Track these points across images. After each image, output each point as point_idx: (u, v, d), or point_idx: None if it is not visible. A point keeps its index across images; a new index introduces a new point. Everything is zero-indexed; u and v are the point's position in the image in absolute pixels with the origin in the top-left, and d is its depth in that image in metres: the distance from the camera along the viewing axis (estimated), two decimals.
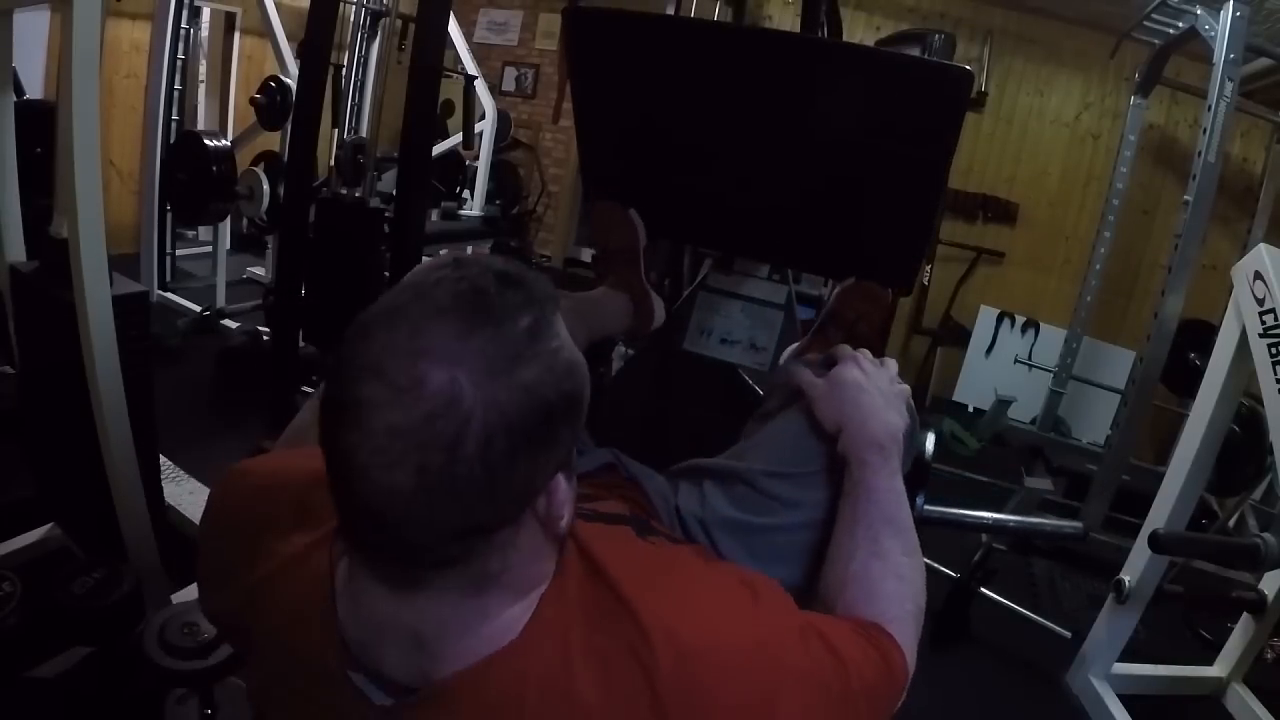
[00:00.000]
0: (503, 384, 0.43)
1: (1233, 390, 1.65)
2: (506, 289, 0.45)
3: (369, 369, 0.42)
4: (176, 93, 3.40)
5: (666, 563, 0.63)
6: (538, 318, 0.45)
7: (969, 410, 3.98)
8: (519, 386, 0.43)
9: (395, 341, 0.43)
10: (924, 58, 2.89)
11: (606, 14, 1.09)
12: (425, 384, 0.41)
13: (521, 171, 5.04)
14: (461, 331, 0.43)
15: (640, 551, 0.65)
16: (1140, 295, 3.85)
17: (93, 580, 1.23)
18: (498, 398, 0.42)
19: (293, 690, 0.55)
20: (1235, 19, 2.23)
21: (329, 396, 0.44)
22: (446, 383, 0.41)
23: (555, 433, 0.46)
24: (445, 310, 0.43)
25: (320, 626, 0.51)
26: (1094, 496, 2.55)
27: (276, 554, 0.56)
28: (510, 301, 0.45)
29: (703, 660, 0.49)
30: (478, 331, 0.43)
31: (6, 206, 1.47)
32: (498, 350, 0.43)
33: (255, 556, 0.57)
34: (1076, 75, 3.97)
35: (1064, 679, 1.87)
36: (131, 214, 3.71)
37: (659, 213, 1.24)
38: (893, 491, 0.74)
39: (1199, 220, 2.31)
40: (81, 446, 1.31)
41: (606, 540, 0.60)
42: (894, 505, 0.73)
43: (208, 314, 3.20)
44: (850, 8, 4.07)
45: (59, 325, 1.25)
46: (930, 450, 0.97)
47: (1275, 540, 1.50)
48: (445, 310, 0.43)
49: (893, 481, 0.75)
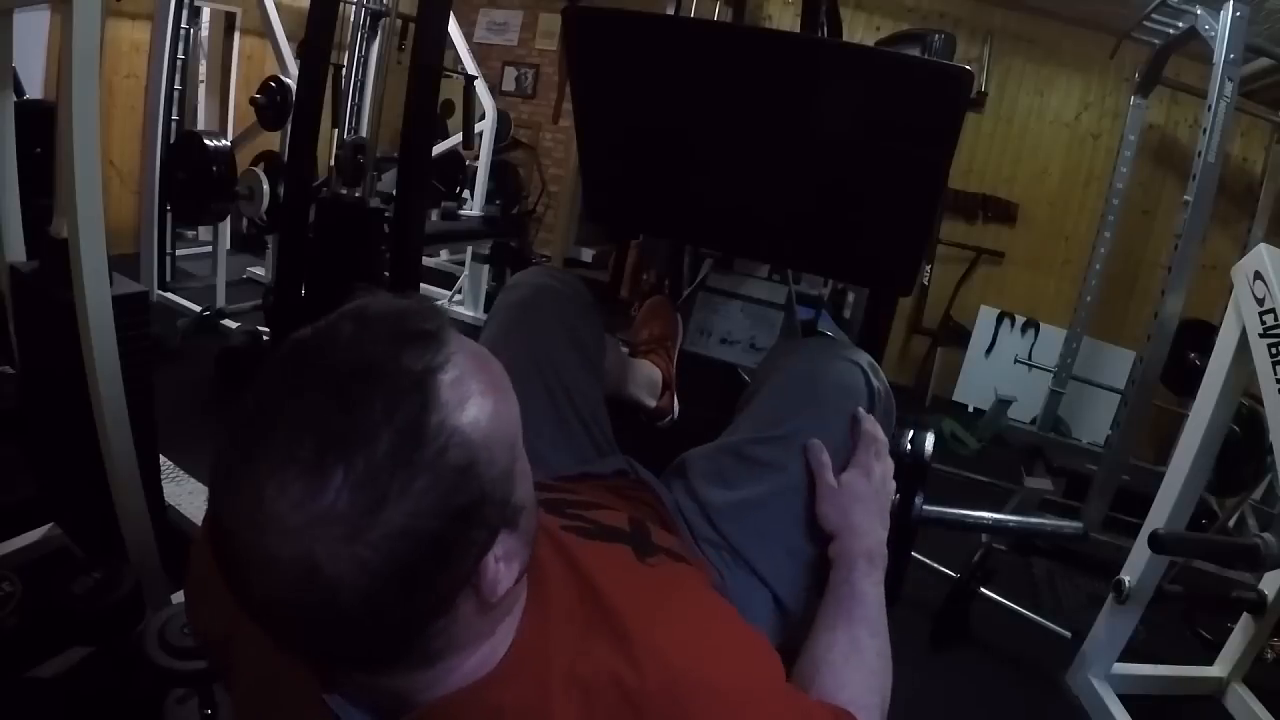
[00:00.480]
0: (367, 542, 0.38)
1: (1233, 390, 1.65)
2: (363, 395, 0.39)
3: (227, 532, 0.39)
4: (176, 93, 3.39)
5: (664, 590, 0.63)
6: (406, 423, 0.39)
7: (969, 410, 3.98)
8: (391, 535, 0.38)
9: (241, 509, 0.38)
10: (924, 58, 2.89)
11: (606, 14, 1.09)
12: (278, 561, 0.38)
13: (521, 171, 5.04)
14: (307, 493, 0.37)
15: (639, 576, 0.64)
16: (1140, 295, 3.85)
17: (93, 580, 1.23)
18: (364, 558, 0.38)
19: (273, 707, 0.55)
20: (1235, 19, 2.23)
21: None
22: (301, 557, 0.37)
23: (457, 546, 0.41)
24: (287, 460, 0.38)
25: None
26: (1094, 496, 2.55)
27: None
28: (368, 419, 0.38)
29: (691, 695, 0.48)
30: (327, 484, 0.37)
31: (6, 206, 1.47)
32: (354, 503, 0.37)
33: None
34: (1076, 75, 3.96)
35: (1064, 679, 1.87)
36: (131, 214, 3.71)
37: (659, 213, 1.24)
38: (875, 597, 0.78)
39: (1199, 220, 2.31)
40: (81, 446, 1.31)
41: (603, 563, 0.59)
42: (875, 609, 0.77)
43: (208, 314, 3.20)
44: (850, 8, 4.07)
45: (59, 325, 1.25)
46: (930, 450, 0.97)
47: (1275, 540, 1.50)
48: (287, 460, 0.38)
49: (877, 589, 0.79)
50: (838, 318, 2.76)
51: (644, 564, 0.66)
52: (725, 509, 0.85)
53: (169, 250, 3.59)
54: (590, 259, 4.65)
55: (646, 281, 3.28)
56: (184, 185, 2.92)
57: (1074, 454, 3.08)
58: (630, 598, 0.55)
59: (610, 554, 0.65)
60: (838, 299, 3.06)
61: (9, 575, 1.30)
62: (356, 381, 0.39)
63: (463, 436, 0.40)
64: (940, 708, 1.77)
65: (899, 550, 1.06)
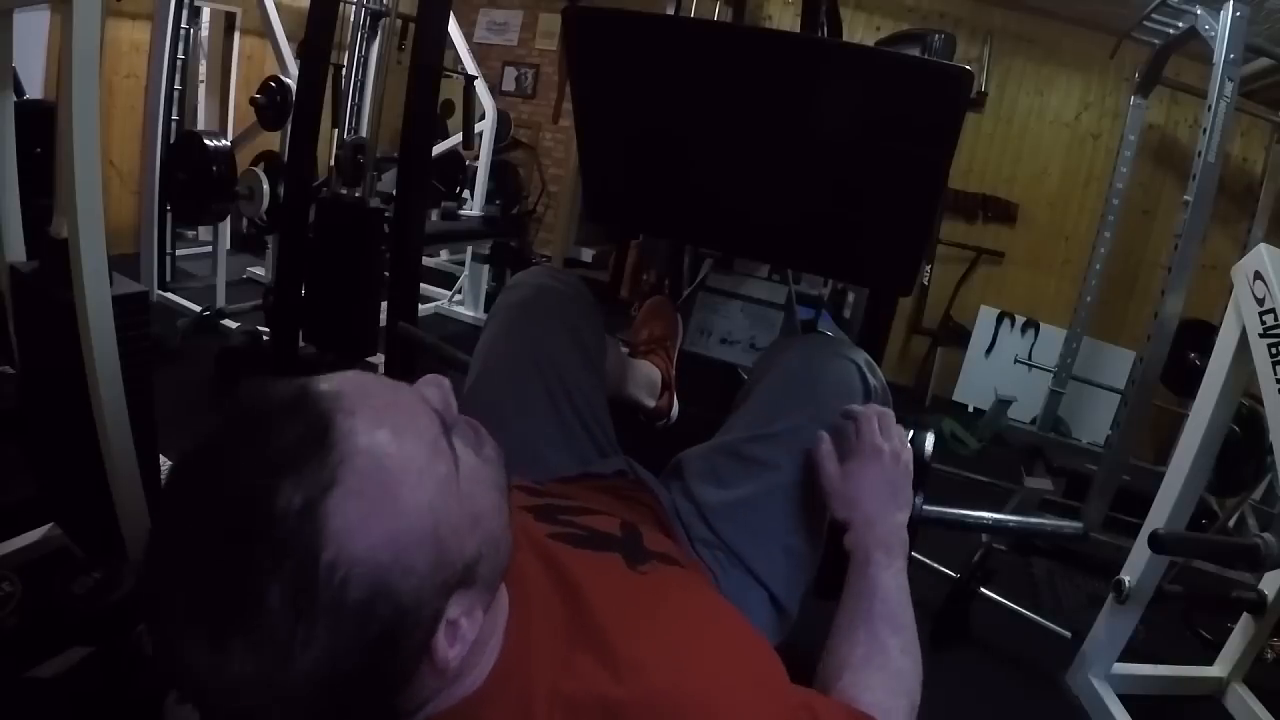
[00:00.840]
0: (287, 693, 0.38)
1: (1233, 390, 1.65)
2: (245, 553, 0.37)
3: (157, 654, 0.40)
4: (176, 93, 3.39)
5: (653, 599, 0.61)
6: (294, 572, 0.37)
7: (969, 410, 3.98)
8: (312, 679, 0.38)
9: (167, 657, 0.38)
10: (924, 58, 2.89)
11: (606, 14, 1.09)
12: (214, 709, 0.39)
13: (521, 171, 5.04)
14: (213, 664, 0.37)
15: (628, 585, 0.62)
16: (1140, 295, 3.85)
17: (93, 580, 1.23)
18: (292, 701, 0.38)
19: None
20: (1235, 19, 2.23)
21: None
22: (233, 709, 0.38)
23: (388, 661, 0.41)
24: (187, 633, 0.37)
25: None
26: (1094, 496, 2.55)
27: None
28: (254, 578, 0.37)
29: (673, 708, 0.47)
30: (229, 655, 0.37)
31: (6, 206, 1.47)
32: (261, 666, 0.37)
33: None
34: (1076, 75, 3.96)
35: (1064, 679, 1.87)
36: (131, 214, 3.70)
37: (659, 213, 1.24)
38: (896, 589, 0.74)
39: (1199, 220, 2.31)
40: (81, 446, 1.31)
41: (592, 572, 0.58)
42: (896, 603, 0.73)
43: (208, 314, 3.20)
44: (850, 8, 4.07)
45: (59, 325, 1.25)
46: (930, 450, 0.97)
47: (1275, 540, 1.50)
48: (187, 633, 0.37)
49: (898, 579, 0.75)
50: (838, 318, 2.76)
51: (635, 572, 0.64)
52: (720, 509, 0.84)
53: (169, 250, 3.59)
54: (590, 259, 4.64)
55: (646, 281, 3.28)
56: (184, 185, 2.92)
57: (1074, 454, 3.08)
58: (617, 609, 0.54)
59: (599, 563, 0.63)
60: (838, 299, 3.07)
61: (9, 575, 1.30)
62: (236, 539, 0.37)
63: (363, 565, 0.38)
64: (940, 707, 1.76)
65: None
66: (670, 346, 1.30)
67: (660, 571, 0.66)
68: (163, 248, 3.53)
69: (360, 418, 0.41)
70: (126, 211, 3.76)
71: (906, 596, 0.74)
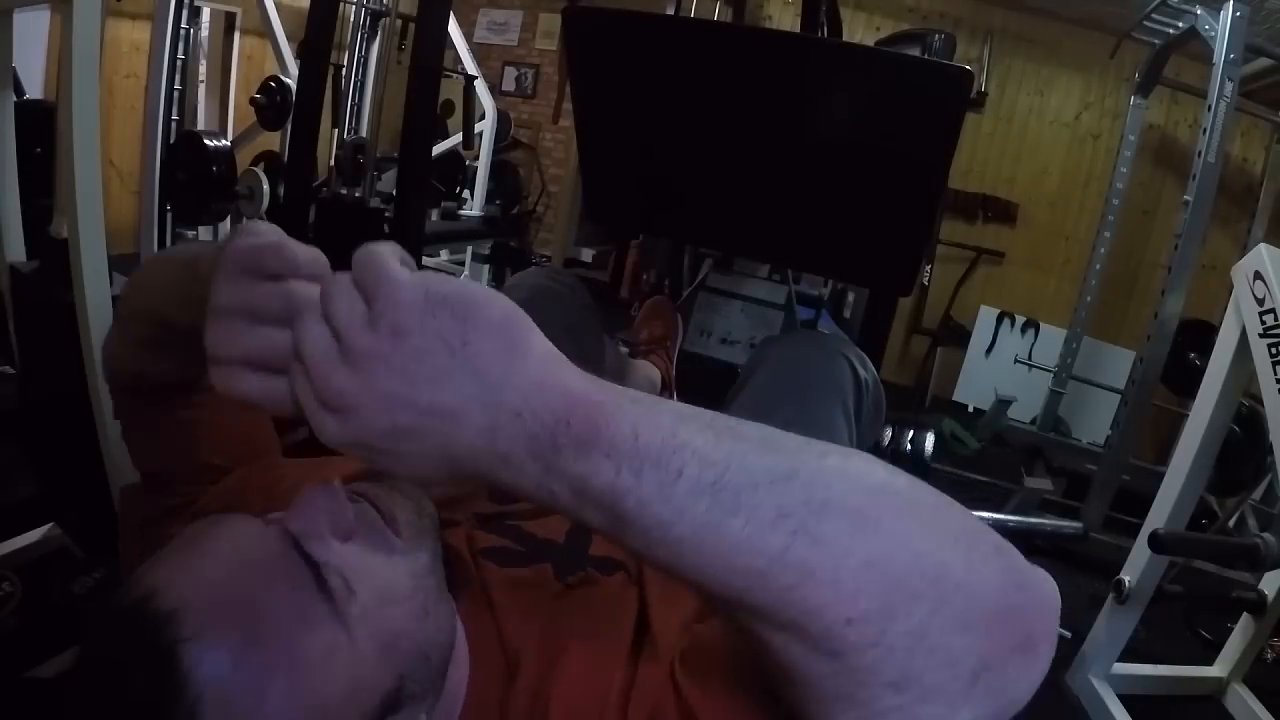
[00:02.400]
0: None
1: (1233, 390, 1.65)
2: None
3: None
4: (176, 93, 3.38)
5: (569, 617, 0.53)
6: None
7: (969, 410, 3.97)
8: None
9: None
10: (924, 58, 2.89)
11: (606, 14, 1.09)
12: None
13: (521, 171, 5.04)
14: None
15: (549, 604, 0.54)
16: (1140, 295, 3.85)
17: (93, 580, 1.23)
18: None
19: None
20: (1235, 19, 2.23)
21: None
22: None
23: None
24: None
25: None
26: (1094, 496, 2.55)
27: None
28: None
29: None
30: None
31: (6, 206, 1.47)
32: None
33: None
34: (1076, 75, 3.96)
35: (1064, 679, 1.86)
36: (131, 214, 3.70)
37: (659, 212, 1.24)
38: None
39: (1199, 220, 2.31)
40: (81, 446, 1.31)
41: (514, 598, 0.54)
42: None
43: None
44: (850, 8, 4.07)
45: (59, 325, 1.25)
46: (930, 450, 0.97)
47: (1275, 540, 1.50)
48: None
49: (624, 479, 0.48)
50: (838, 318, 2.75)
51: (562, 584, 0.56)
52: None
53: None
54: (590, 259, 4.64)
55: (646, 281, 3.27)
56: (184, 185, 2.92)
57: (1074, 454, 3.08)
58: (534, 636, 0.50)
59: (525, 582, 0.56)
60: (838, 299, 3.06)
61: (9, 575, 1.30)
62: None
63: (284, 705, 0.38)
64: None
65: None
66: (670, 346, 1.30)
67: (586, 588, 0.57)
68: (162, 248, 3.53)
69: (206, 640, 0.38)
70: (126, 211, 3.76)
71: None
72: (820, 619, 0.32)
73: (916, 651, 0.32)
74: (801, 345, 0.95)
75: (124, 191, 3.84)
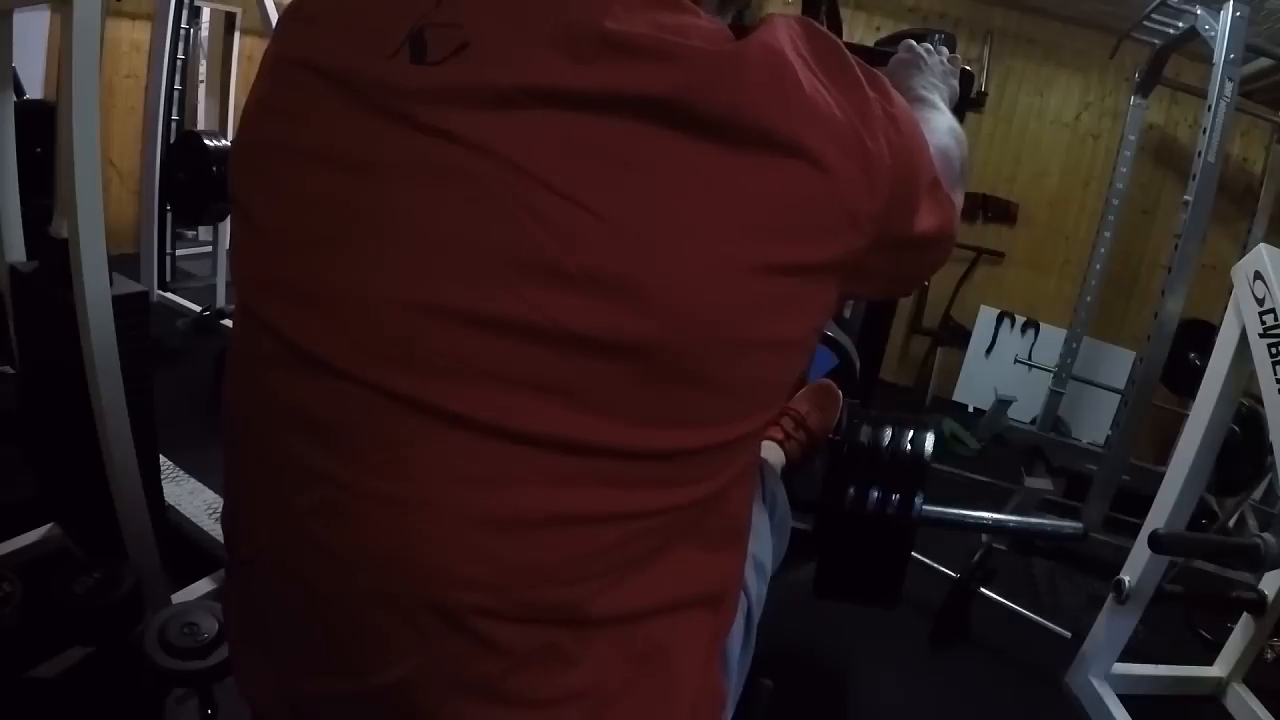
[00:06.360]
0: None
1: (1233, 390, 1.65)
2: None
3: None
4: (176, 93, 3.39)
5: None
6: None
7: (969, 410, 3.97)
8: None
9: None
10: None
11: None
12: None
13: None
14: None
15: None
16: (1140, 295, 3.85)
17: (93, 580, 1.22)
18: None
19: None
20: (1235, 19, 2.23)
21: None
22: None
23: None
24: None
25: None
26: (1094, 496, 2.55)
27: None
28: None
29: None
30: None
31: (6, 206, 1.47)
32: None
33: None
34: (1076, 75, 3.96)
35: (1064, 679, 1.87)
36: (131, 214, 3.70)
37: None
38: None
39: (1199, 220, 2.31)
40: (81, 446, 1.31)
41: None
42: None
43: (208, 314, 3.20)
44: (850, 8, 4.07)
45: (59, 325, 1.25)
46: (930, 450, 0.97)
47: (1275, 540, 1.50)
48: None
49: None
50: (838, 318, 2.75)
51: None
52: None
53: (169, 250, 3.58)
54: None
55: None
56: (184, 185, 2.92)
57: (1074, 454, 3.08)
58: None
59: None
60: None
61: (9, 575, 1.30)
62: None
63: None
64: (939, 707, 1.77)
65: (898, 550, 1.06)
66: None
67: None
68: (163, 248, 3.53)
69: None
70: (126, 211, 3.76)
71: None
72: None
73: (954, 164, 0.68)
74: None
75: (124, 191, 3.83)
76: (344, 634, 0.50)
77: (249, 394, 0.55)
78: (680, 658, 0.55)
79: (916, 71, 0.84)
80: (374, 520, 0.48)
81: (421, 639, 0.48)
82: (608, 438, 0.46)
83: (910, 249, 0.58)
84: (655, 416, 0.47)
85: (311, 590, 0.51)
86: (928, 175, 0.56)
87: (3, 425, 1.67)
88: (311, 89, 0.50)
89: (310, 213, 0.49)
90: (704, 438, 0.49)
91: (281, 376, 0.50)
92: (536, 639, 0.48)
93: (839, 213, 0.47)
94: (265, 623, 0.57)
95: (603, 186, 0.44)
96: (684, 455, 0.49)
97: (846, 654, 1.83)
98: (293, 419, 0.50)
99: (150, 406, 1.40)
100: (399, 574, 0.48)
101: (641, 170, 0.44)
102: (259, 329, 0.52)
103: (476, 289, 0.44)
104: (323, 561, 0.50)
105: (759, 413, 0.52)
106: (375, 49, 0.49)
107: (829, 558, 1.09)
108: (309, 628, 0.53)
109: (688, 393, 0.47)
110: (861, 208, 0.48)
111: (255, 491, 0.56)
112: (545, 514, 0.47)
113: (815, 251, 0.47)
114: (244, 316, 0.54)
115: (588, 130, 0.44)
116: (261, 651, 0.58)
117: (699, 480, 0.51)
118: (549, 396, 0.45)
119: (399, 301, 0.46)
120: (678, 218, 0.44)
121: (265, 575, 0.55)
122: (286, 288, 0.50)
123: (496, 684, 0.48)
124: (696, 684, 0.57)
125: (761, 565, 0.79)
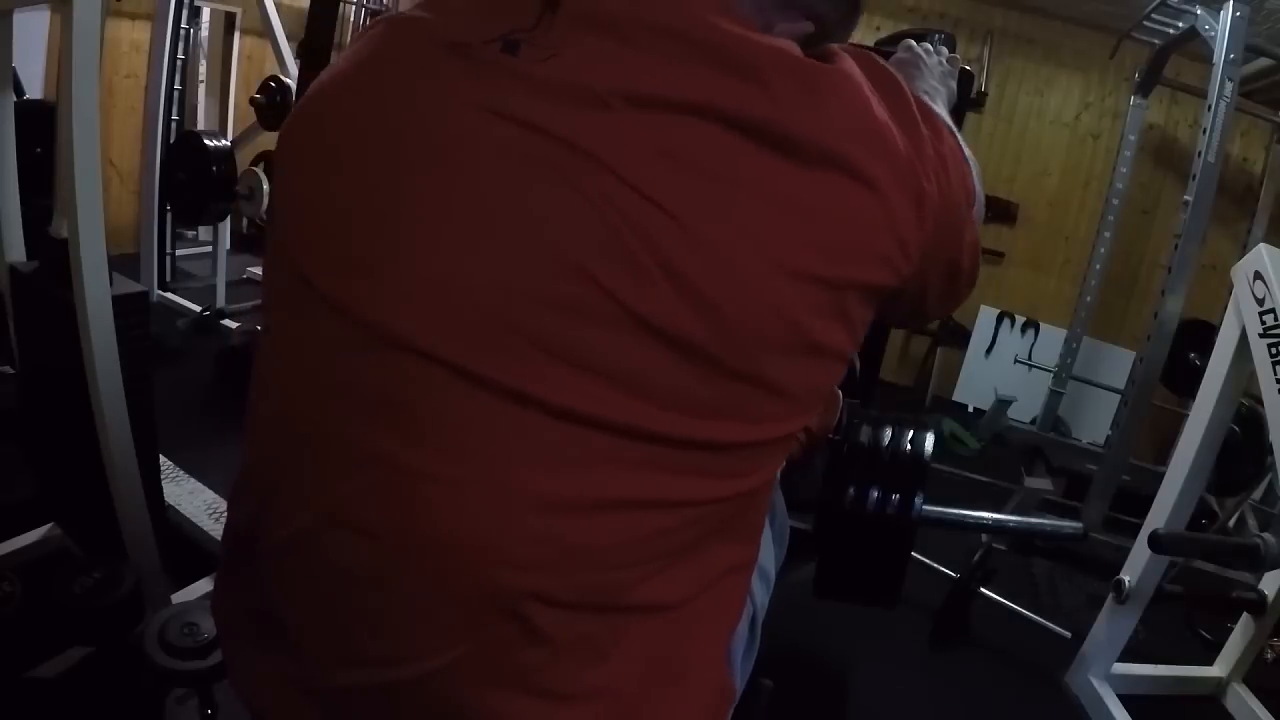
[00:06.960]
0: None
1: (1233, 390, 1.65)
2: None
3: None
4: (176, 93, 3.39)
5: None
6: None
7: (969, 410, 3.97)
8: None
9: None
10: None
11: None
12: None
13: None
14: None
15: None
16: (1140, 295, 3.85)
17: (93, 580, 1.22)
18: None
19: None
20: (1235, 19, 2.23)
21: None
22: None
23: None
24: None
25: None
26: (1094, 496, 2.55)
27: None
28: None
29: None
30: None
31: (6, 206, 1.47)
32: None
33: None
34: (1076, 75, 3.96)
35: (1064, 679, 1.87)
36: (131, 214, 3.70)
37: None
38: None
39: (1199, 220, 2.31)
40: (81, 446, 1.31)
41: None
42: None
43: (208, 314, 3.20)
44: None
45: (59, 325, 1.25)
46: (930, 450, 0.97)
47: (1275, 540, 1.50)
48: None
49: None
50: None
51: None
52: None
53: (169, 250, 3.58)
54: None
55: None
56: (184, 185, 2.92)
57: (1074, 454, 3.08)
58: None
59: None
60: None
61: (9, 575, 1.30)
62: None
63: None
64: (939, 707, 1.77)
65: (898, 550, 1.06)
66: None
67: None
68: (163, 248, 3.53)
69: None
70: (126, 211, 3.76)
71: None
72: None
73: (979, 199, 0.68)
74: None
75: (124, 191, 3.83)
76: (386, 621, 0.50)
77: (295, 374, 0.55)
78: (697, 655, 0.57)
79: (916, 73, 0.84)
80: (432, 503, 0.48)
81: (470, 625, 0.49)
82: (668, 427, 0.48)
83: (943, 282, 0.62)
84: (711, 409, 0.50)
85: (353, 577, 0.51)
86: (966, 216, 0.61)
87: (3, 425, 1.67)
88: (423, 62, 0.53)
89: (391, 190, 0.51)
90: (754, 433, 0.52)
91: (345, 356, 0.51)
92: (576, 628, 0.50)
93: (891, 240, 0.52)
94: (280, 616, 0.56)
95: (684, 193, 0.47)
96: (733, 449, 0.52)
97: (846, 654, 1.83)
98: (352, 398, 0.50)
99: (150, 406, 1.40)
100: (455, 557, 0.48)
101: (722, 181, 0.48)
102: (318, 304, 0.52)
103: (558, 276, 0.47)
104: (369, 546, 0.50)
105: (801, 415, 0.55)
106: (474, 34, 0.52)
107: (829, 558, 1.09)
108: (344, 616, 0.52)
109: (742, 389, 0.50)
110: (911, 237, 0.53)
111: (290, 476, 0.55)
112: (604, 498, 0.49)
113: (867, 272, 0.52)
114: (296, 290, 0.54)
115: (676, 138, 0.47)
116: (268, 648, 0.57)
117: (743, 474, 0.54)
118: (615, 383, 0.47)
119: (485, 284, 0.48)
120: (749, 229, 0.48)
121: (293, 564, 0.54)
122: (363, 264, 0.51)
123: (532, 676, 0.50)
124: (710, 682, 0.58)
125: (765, 571, 0.79)
